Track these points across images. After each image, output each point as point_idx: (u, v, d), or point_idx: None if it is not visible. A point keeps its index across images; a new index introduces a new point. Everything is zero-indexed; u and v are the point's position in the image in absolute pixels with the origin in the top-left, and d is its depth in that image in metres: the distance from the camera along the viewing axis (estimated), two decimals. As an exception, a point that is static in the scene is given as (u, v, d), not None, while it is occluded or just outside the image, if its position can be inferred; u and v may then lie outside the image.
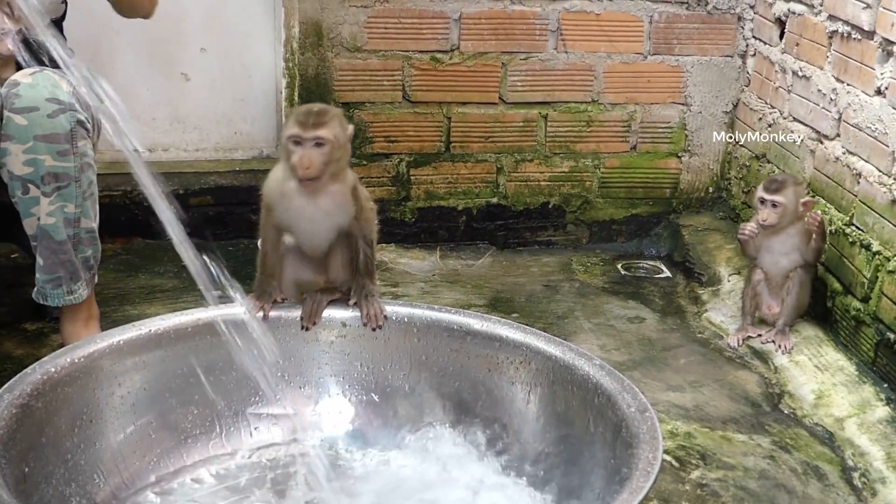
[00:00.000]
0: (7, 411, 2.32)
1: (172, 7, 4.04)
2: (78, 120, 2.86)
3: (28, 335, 3.35)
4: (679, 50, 4.17)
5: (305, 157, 2.59)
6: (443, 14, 4.01)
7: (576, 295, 3.91)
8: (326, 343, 2.86)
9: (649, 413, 2.40)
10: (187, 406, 2.74)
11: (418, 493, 2.65)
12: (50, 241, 2.92)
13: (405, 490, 2.67)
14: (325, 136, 2.59)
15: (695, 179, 4.34)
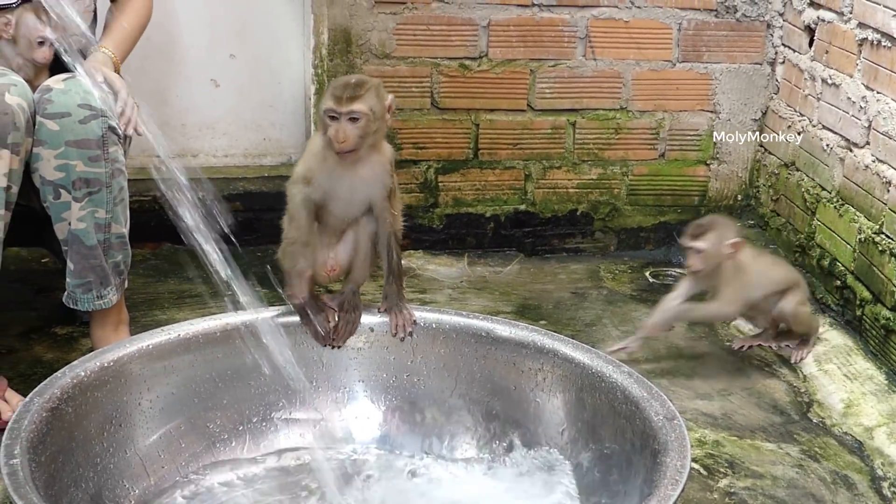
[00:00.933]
0: (37, 415, 2.34)
1: (202, 13, 4.08)
2: (109, 126, 2.87)
3: (58, 339, 3.36)
4: (708, 57, 4.16)
5: (341, 130, 2.61)
6: (471, 21, 4.02)
7: (604, 302, 3.90)
8: (354, 349, 2.87)
9: (678, 421, 2.40)
10: (215, 410, 2.76)
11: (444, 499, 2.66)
12: (81, 245, 2.93)
13: (431, 496, 2.68)
14: (359, 109, 2.62)
15: (723, 187, 4.33)
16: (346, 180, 2.73)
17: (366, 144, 2.67)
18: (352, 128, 2.62)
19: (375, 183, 2.75)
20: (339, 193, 2.75)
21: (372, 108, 2.64)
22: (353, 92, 2.62)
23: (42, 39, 2.92)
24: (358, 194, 2.76)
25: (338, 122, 2.62)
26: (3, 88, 2.75)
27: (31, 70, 2.95)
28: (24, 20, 2.92)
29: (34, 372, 3.12)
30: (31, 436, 2.27)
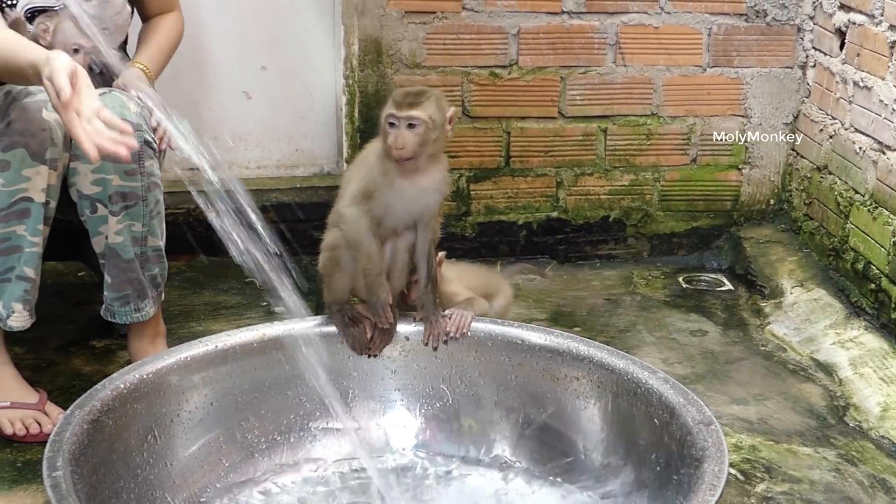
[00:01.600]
0: (78, 427, 2.36)
1: (233, 27, 4.11)
2: (145, 140, 2.89)
3: (96, 352, 3.39)
4: (738, 62, 4.16)
5: (399, 137, 2.62)
6: (501, 29, 4.03)
7: (637, 308, 3.90)
8: (390, 358, 2.88)
9: (714, 426, 2.40)
10: (253, 420, 2.77)
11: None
12: (118, 259, 2.96)
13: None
14: (419, 116, 2.62)
15: (756, 192, 4.32)
16: (406, 191, 2.72)
17: (424, 154, 2.67)
18: (410, 134, 2.63)
19: (434, 193, 2.76)
20: (397, 205, 2.75)
21: (431, 116, 2.64)
22: (414, 99, 2.64)
23: (77, 47, 2.93)
24: (416, 205, 2.76)
25: (397, 128, 2.63)
26: (41, 105, 2.78)
27: None
28: (61, 27, 2.94)
29: (73, 385, 3.14)
30: (72, 448, 2.29)
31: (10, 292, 2.85)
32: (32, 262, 2.85)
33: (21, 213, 2.81)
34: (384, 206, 2.73)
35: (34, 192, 2.81)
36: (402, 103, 2.63)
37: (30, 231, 2.82)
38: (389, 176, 2.70)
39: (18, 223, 2.81)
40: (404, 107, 2.62)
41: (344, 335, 2.83)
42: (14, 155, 2.76)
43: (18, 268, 2.84)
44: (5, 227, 2.81)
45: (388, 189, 2.72)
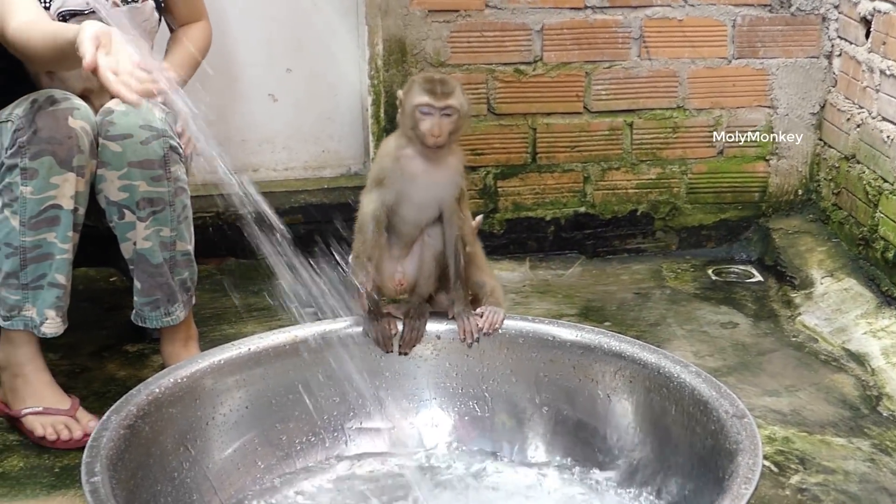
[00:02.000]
0: (115, 432, 2.37)
1: (258, 30, 4.12)
2: (171, 145, 2.91)
3: (129, 357, 3.41)
4: (763, 53, 4.15)
5: (437, 125, 2.65)
6: (525, 26, 4.03)
7: (667, 302, 3.90)
8: (421, 357, 2.89)
9: (748, 419, 2.39)
10: (288, 422, 2.78)
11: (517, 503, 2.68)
12: (147, 264, 2.97)
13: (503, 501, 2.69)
14: (454, 104, 2.66)
15: (783, 182, 4.31)
16: (420, 181, 2.74)
17: (452, 142, 2.70)
18: (446, 122, 2.65)
19: (449, 184, 2.77)
20: (412, 195, 2.76)
21: (462, 104, 2.68)
22: (446, 88, 2.66)
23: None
24: (431, 196, 2.77)
25: (432, 116, 2.65)
26: (67, 112, 2.80)
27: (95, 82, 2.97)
28: None
29: (108, 390, 3.17)
30: (110, 453, 2.30)
31: (42, 299, 2.88)
32: (63, 269, 2.88)
33: (51, 221, 2.83)
34: (398, 195, 2.75)
35: (63, 200, 2.83)
36: (437, 92, 2.65)
37: (60, 238, 2.85)
38: (402, 165, 2.73)
39: (49, 230, 2.84)
40: (440, 96, 2.65)
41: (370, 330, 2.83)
42: (42, 163, 2.79)
43: (50, 275, 2.87)
44: (36, 234, 2.83)
45: (402, 180, 2.74)
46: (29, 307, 2.88)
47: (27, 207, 2.81)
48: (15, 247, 2.84)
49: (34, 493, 2.73)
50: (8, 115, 2.86)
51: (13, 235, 2.83)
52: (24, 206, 2.81)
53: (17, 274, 2.86)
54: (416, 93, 2.67)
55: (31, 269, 2.85)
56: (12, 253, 2.84)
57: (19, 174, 2.80)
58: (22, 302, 2.88)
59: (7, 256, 2.85)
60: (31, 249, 2.84)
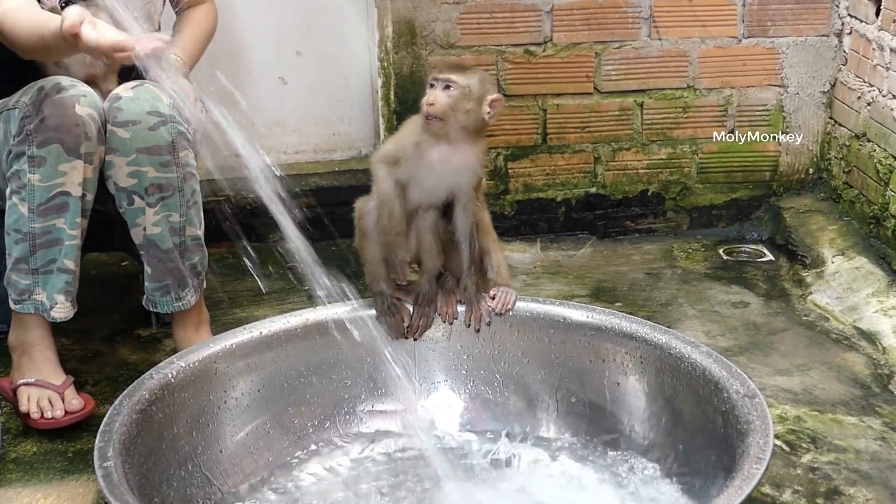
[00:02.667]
0: (127, 417, 2.39)
1: (267, 13, 4.12)
2: (179, 131, 2.92)
3: (142, 341, 3.43)
4: (774, 31, 4.14)
5: (432, 94, 2.67)
6: (535, 7, 4.02)
7: (678, 282, 3.90)
8: (433, 340, 2.90)
9: (759, 399, 2.40)
10: (299, 405, 2.80)
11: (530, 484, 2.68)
12: (157, 250, 2.98)
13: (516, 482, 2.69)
14: (458, 80, 2.67)
15: (794, 161, 4.30)
16: (436, 168, 2.74)
17: (453, 121, 2.68)
18: (443, 95, 2.66)
19: (464, 172, 2.76)
20: (424, 181, 2.76)
21: (469, 85, 2.68)
22: (457, 64, 2.73)
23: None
24: (444, 183, 2.77)
25: (434, 88, 2.68)
26: (74, 100, 2.81)
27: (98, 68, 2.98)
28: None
29: (120, 374, 3.18)
30: (122, 438, 2.32)
31: (52, 284, 2.89)
32: (72, 255, 2.89)
33: (59, 208, 2.85)
34: (410, 175, 2.76)
35: (71, 187, 2.84)
36: (445, 66, 2.70)
37: (69, 224, 2.86)
38: (421, 146, 2.73)
39: (57, 217, 2.85)
40: (445, 69, 2.69)
41: (382, 322, 2.84)
42: (49, 151, 2.80)
43: (59, 260, 2.88)
44: (45, 221, 2.84)
45: (417, 160, 2.74)
46: (39, 291, 2.90)
47: (36, 195, 2.82)
48: (24, 233, 2.85)
49: (48, 478, 2.74)
50: (15, 102, 2.87)
51: (22, 222, 2.85)
52: (32, 194, 2.82)
53: (27, 259, 2.87)
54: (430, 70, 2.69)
55: (40, 255, 2.86)
56: (22, 239, 2.86)
57: (27, 162, 2.81)
58: (32, 286, 2.89)
59: (17, 242, 2.87)
60: (40, 235, 2.85)
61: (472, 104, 2.70)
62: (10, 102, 2.91)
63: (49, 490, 2.69)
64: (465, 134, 2.72)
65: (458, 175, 2.77)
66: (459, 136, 2.72)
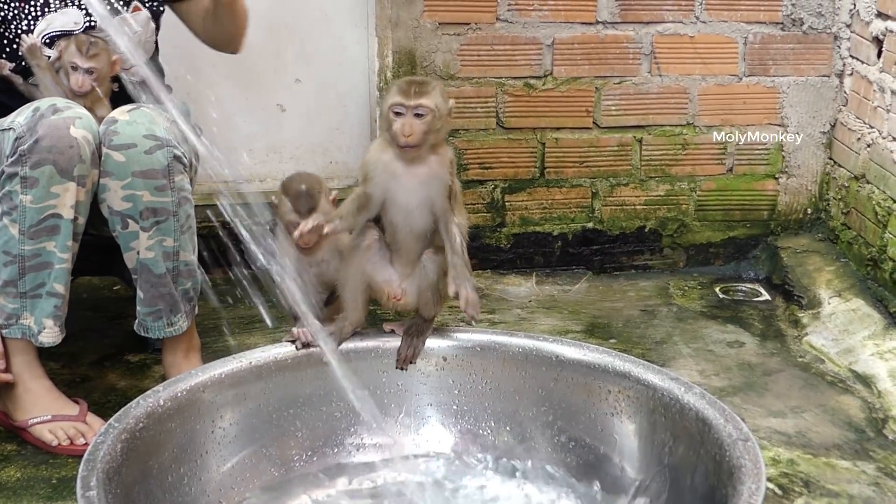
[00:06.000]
0: (112, 446, 2.36)
1: (267, 40, 4.12)
2: (175, 155, 2.91)
3: (131, 366, 3.41)
4: (775, 71, 4.14)
5: (407, 124, 2.63)
6: (535, 40, 4.02)
7: (674, 319, 3.88)
8: (424, 373, 2.88)
9: (751, 442, 2.38)
10: (288, 437, 2.78)
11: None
12: (150, 274, 2.97)
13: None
14: (427, 104, 2.64)
15: (793, 201, 4.30)
16: (402, 182, 2.72)
17: (428, 142, 2.67)
18: (418, 123, 2.64)
19: (433, 182, 2.73)
20: (396, 198, 2.74)
21: (437, 105, 2.66)
22: (420, 88, 2.65)
23: (74, 65, 2.96)
24: (416, 198, 2.74)
25: (404, 116, 2.64)
26: (69, 122, 2.79)
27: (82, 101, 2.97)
28: (67, 48, 2.98)
29: (108, 399, 3.16)
30: (106, 467, 2.29)
31: (40, 308, 2.88)
32: (62, 278, 2.88)
33: (50, 230, 2.83)
34: (383, 199, 2.74)
35: (63, 209, 2.83)
36: (410, 92, 2.64)
37: (59, 247, 2.85)
38: (386, 166, 2.71)
39: (48, 239, 2.84)
40: (412, 96, 2.64)
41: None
42: (42, 172, 2.78)
43: (49, 284, 2.87)
44: (35, 243, 2.83)
45: (386, 180, 2.72)
46: (27, 316, 2.88)
47: (27, 216, 2.81)
48: (14, 255, 2.83)
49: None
50: (10, 122, 2.87)
51: (12, 244, 2.83)
52: (23, 215, 2.81)
53: (15, 282, 2.86)
54: (391, 93, 2.67)
55: (29, 278, 2.85)
56: (11, 261, 2.84)
57: (19, 183, 2.79)
58: (20, 311, 2.88)
59: (5, 265, 2.85)
60: (30, 258, 2.83)
61: (442, 121, 2.70)
62: (5, 123, 2.91)
63: (32, 517, 2.67)
64: (431, 147, 2.71)
65: (426, 187, 2.73)
66: (426, 150, 2.71)
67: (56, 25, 3.03)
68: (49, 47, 3.01)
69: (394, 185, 2.73)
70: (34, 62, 2.98)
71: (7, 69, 3.04)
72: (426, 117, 2.64)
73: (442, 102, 2.68)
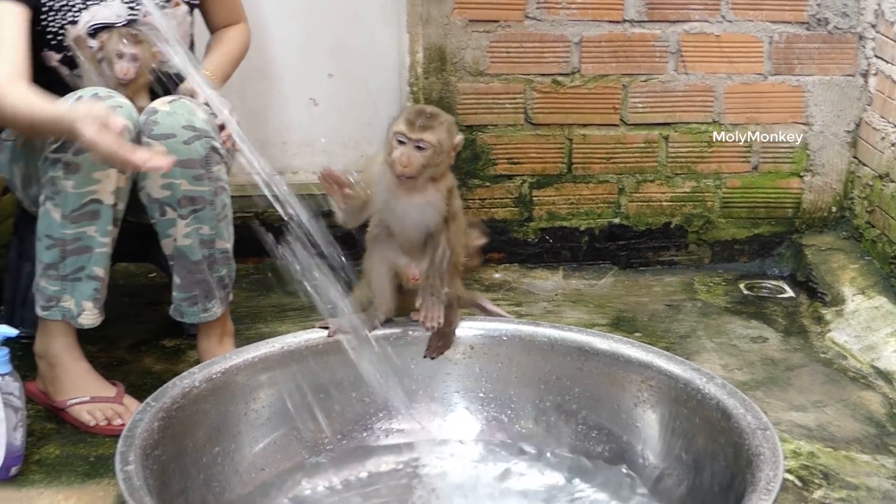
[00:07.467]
0: (149, 424, 2.43)
1: (300, 35, 4.18)
2: (212, 146, 2.96)
3: (166, 351, 3.47)
4: (800, 70, 4.18)
5: (405, 155, 2.64)
6: (563, 38, 4.07)
7: (698, 314, 3.92)
8: (452, 361, 2.93)
9: (770, 431, 2.42)
10: (318, 420, 2.82)
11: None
12: (186, 261, 3.03)
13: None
14: (429, 140, 2.64)
15: (817, 199, 4.33)
16: (398, 205, 2.76)
17: (425, 175, 2.69)
18: (417, 155, 2.64)
19: (428, 209, 2.76)
20: (395, 213, 2.78)
21: (441, 141, 2.66)
22: (427, 122, 2.65)
23: (120, 54, 3.01)
24: (411, 218, 2.78)
25: (405, 146, 2.64)
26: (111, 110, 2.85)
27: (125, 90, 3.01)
28: (111, 38, 3.03)
29: (144, 382, 3.22)
30: (143, 444, 2.36)
31: (80, 291, 2.94)
32: (102, 262, 2.94)
33: (91, 215, 2.89)
34: (383, 208, 2.78)
35: (104, 195, 2.89)
36: (415, 124, 2.64)
37: (100, 232, 2.91)
38: (385, 186, 2.74)
39: (89, 224, 2.89)
40: (416, 129, 2.64)
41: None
42: (84, 158, 2.82)
43: (89, 267, 2.92)
44: (76, 227, 2.89)
45: (384, 200, 2.76)
46: (67, 298, 2.94)
47: (69, 201, 2.86)
48: (55, 239, 2.89)
49: (69, 481, 2.77)
50: (55, 110, 2.92)
51: (54, 227, 2.89)
52: (65, 200, 2.86)
53: (56, 266, 2.91)
54: (398, 120, 2.68)
55: (70, 262, 2.91)
56: (53, 245, 2.90)
57: (62, 168, 2.85)
58: (60, 293, 2.93)
59: (47, 248, 2.91)
60: (70, 242, 2.89)
61: (443, 156, 2.71)
62: None
63: (70, 493, 2.72)
64: (430, 178, 2.73)
65: (423, 213, 2.77)
66: (426, 182, 2.73)
67: (100, 18, 3.10)
68: (92, 38, 3.07)
69: (392, 204, 2.76)
70: (79, 53, 3.04)
71: (55, 61, 3.10)
72: (426, 151, 2.65)
73: (446, 138, 2.69)
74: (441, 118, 2.70)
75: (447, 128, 2.70)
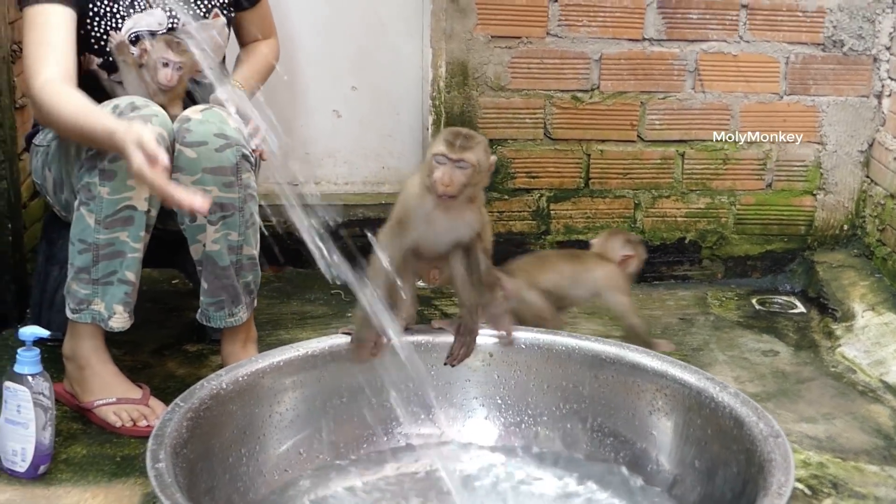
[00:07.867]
0: (178, 424, 2.48)
1: (325, 48, 4.24)
2: (243, 154, 3.01)
3: (189, 356, 3.52)
4: (815, 90, 4.23)
5: (447, 174, 2.67)
6: (584, 55, 4.13)
7: (711, 328, 3.97)
8: (471, 368, 2.99)
9: (781, 438, 2.47)
10: (341, 423, 2.89)
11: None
12: (214, 266, 3.07)
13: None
14: (469, 159, 2.68)
15: (829, 217, 4.38)
16: (438, 224, 2.80)
17: (465, 194, 2.73)
18: (459, 174, 2.68)
19: (464, 228, 2.82)
20: (429, 235, 2.82)
21: (479, 160, 2.71)
22: (466, 142, 2.69)
23: (165, 62, 3.07)
24: (446, 237, 2.83)
25: (445, 166, 2.68)
26: (146, 119, 2.89)
27: (163, 97, 3.08)
28: (155, 45, 3.09)
29: (168, 386, 3.27)
30: (173, 442, 2.42)
31: (112, 294, 2.98)
32: (133, 267, 2.98)
33: (125, 221, 2.94)
34: (417, 235, 2.82)
35: (137, 201, 2.94)
36: (455, 144, 2.69)
37: (132, 237, 2.95)
38: (426, 209, 2.77)
39: (122, 230, 2.94)
40: (457, 149, 2.68)
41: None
42: (120, 165, 2.87)
43: (121, 272, 2.97)
44: (110, 233, 2.94)
45: (423, 222, 2.79)
46: (98, 301, 2.99)
47: (103, 207, 2.92)
48: (89, 243, 2.95)
49: (96, 480, 2.82)
50: (91, 118, 2.98)
51: (88, 232, 2.94)
52: (100, 206, 2.92)
53: (88, 269, 2.96)
54: (437, 142, 2.72)
55: (102, 266, 2.96)
56: (86, 249, 2.95)
57: (98, 175, 2.90)
58: (91, 296, 2.98)
59: (80, 252, 2.96)
60: (104, 247, 2.94)
61: (482, 175, 2.76)
62: None
63: (97, 491, 2.77)
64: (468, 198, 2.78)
65: (458, 231, 2.82)
66: (463, 201, 2.77)
67: (142, 25, 3.16)
68: (133, 45, 3.14)
69: (429, 229, 2.81)
70: (121, 58, 3.10)
71: (95, 64, 3.17)
72: (467, 170, 2.69)
73: (484, 158, 2.74)
74: (477, 139, 2.75)
75: (483, 148, 2.75)
